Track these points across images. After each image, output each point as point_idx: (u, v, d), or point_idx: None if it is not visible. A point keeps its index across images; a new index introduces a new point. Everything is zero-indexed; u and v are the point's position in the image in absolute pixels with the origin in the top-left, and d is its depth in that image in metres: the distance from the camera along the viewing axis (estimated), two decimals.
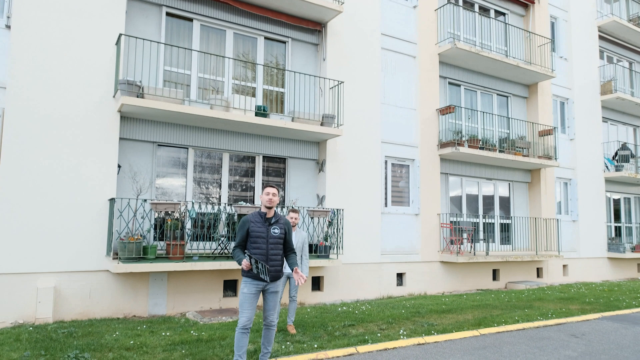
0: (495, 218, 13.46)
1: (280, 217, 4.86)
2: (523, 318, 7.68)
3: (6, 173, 7.09)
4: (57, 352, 5.25)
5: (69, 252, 7.42)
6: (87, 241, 7.57)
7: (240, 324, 4.52)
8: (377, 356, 5.43)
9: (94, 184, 7.69)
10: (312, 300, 9.60)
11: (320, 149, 10.39)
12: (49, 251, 7.28)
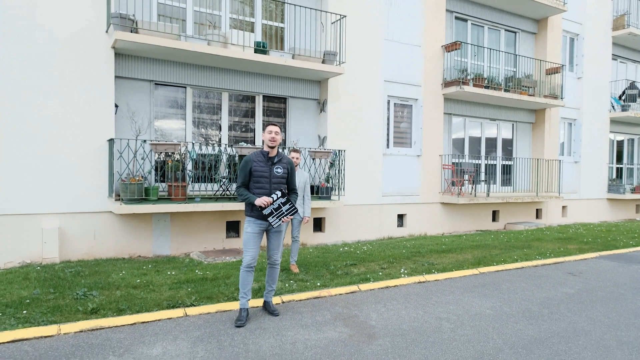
0: (497, 159, 13.38)
1: (283, 156, 4.76)
2: (522, 257, 7.81)
3: (3, 114, 6.90)
4: (66, 290, 5.35)
5: (71, 194, 7.41)
6: (89, 182, 7.53)
7: (244, 262, 4.55)
8: (379, 294, 5.54)
9: (92, 123, 7.53)
10: (314, 241, 9.73)
11: (321, 88, 10.11)
12: (52, 193, 7.26)
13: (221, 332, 4.19)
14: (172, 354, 3.70)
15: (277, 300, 5.15)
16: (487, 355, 3.83)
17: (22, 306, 4.70)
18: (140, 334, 4.10)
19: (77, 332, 4.10)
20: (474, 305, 5.16)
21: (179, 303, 4.89)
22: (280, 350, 3.83)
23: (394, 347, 3.95)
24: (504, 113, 13.31)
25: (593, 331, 4.45)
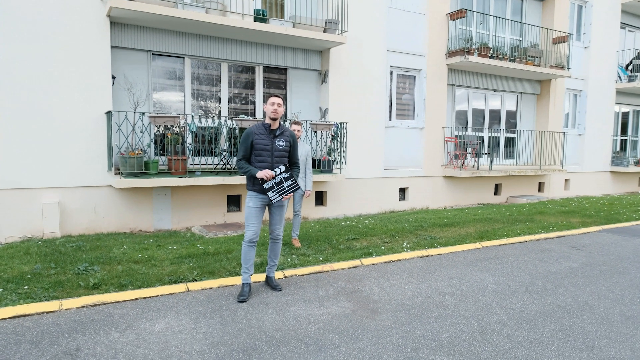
0: (500, 132, 13.21)
1: (285, 128, 4.64)
2: (525, 231, 7.77)
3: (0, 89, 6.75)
4: (67, 264, 5.32)
5: (70, 168, 7.31)
6: (88, 156, 7.43)
7: (246, 237, 4.49)
8: (381, 268, 5.52)
9: (89, 95, 7.37)
10: (316, 215, 9.69)
11: (322, 59, 9.88)
12: (51, 167, 7.17)
13: (224, 307, 4.16)
14: (174, 329, 3.68)
15: (279, 275, 5.12)
16: (491, 330, 3.81)
17: (23, 281, 4.67)
18: (143, 309, 4.08)
19: (79, 308, 4.07)
20: (477, 280, 5.14)
21: (180, 278, 4.86)
22: (283, 325, 3.81)
23: (398, 322, 3.93)
24: (509, 84, 13.07)
25: (597, 306, 4.42)
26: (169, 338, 3.52)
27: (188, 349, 3.36)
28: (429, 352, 3.40)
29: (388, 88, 10.70)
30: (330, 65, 9.71)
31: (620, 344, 3.59)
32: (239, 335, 3.60)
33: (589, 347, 3.53)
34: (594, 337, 3.71)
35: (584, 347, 3.53)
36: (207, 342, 3.46)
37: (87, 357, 3.21)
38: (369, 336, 3.64)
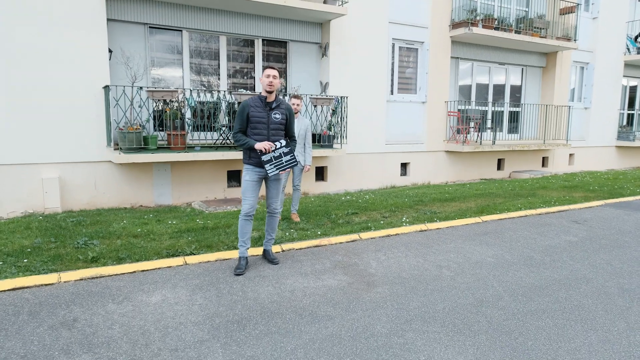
0: (504, 106, 13.03)
1: (281, 101, 4.57)
2: (526, 206, 7.73)
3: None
4: (67, 239, 5.35)
5: (69, 143, 7.29)
6: (87, 131, 7.40)
7: (243, 211, 4.48)
8: (379, 242, 5.52)
9: (86, 70, 7.29)
10: (316, 190, 9.67)
11: (323, 31, 9.69)
12: (50, 142, 7.15)
13: (220, 280, 4.19)
14: (170, 301, 3.71)
15: (277, 248, 5.13)
16: (486, 302, 3.81)
17: (23, 255, 4.71)
18: (140, 282, 4.11)
19: (77, 280, 4.11)
20: (475, 253, 5.13)
21: (178, 252, 4.89)
22: (279, 297, 3.83)
23: (393, 294, 3.94)
24: (514, 57, 12.82)
25: (595, 279, 4.41)
26: (164, 310, 3.55)
27: (183, 320, 3.38)
28: (423, 323, 3.41)
29: (390, 61, 10.52)
30: (331, 37, 9.53)
31: (615, 316, 3.59)
32: (234, 307, 3.63)
33: (584, 319, 3.53)
34: (589, 309, 3.70)
35: (579, 319, 3.53)
36: (203, 314, 3.49)
37: (83, 327, 3.24)
38: (363, 308, 3.65)
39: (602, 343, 3.15)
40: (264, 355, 2.93)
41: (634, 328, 3.38)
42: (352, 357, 2.92)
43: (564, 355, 2.98)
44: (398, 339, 3.16)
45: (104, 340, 3.07)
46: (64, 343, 3.02)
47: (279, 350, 2.98)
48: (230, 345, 3.04)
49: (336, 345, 3.06)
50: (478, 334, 3.26)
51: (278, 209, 4.74)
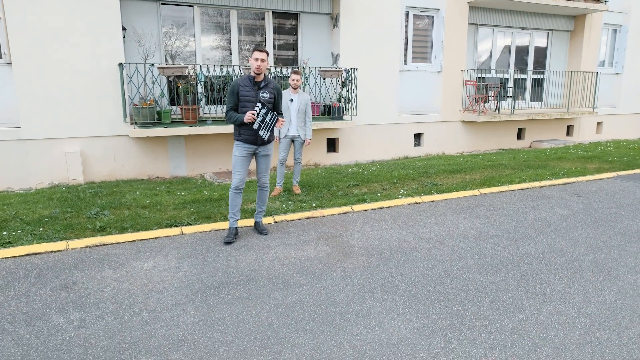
0: (527, 73, 12.64)
1: (270, 81, 4.79)
2: (532, 178, 7.69)
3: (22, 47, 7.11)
4: (82, 209, 5.84)
5: (89, 118, 7.75)
6: (104, 107, 7.83)
7: (233, 185, 4.79)
8: (370, 215, 5.73)
9: (102, 48, 7.65)
10: (327, 162, 9.88)
11: (334, 2, 9.66)
12: (71, 118, 7.62)
13: (209, 249, 4.54)
14: (160, 268, 4.09)
15: (269, 220, 5.44)
16: (453, 273, 4.00)
17: (40, 224, 5.21)
18: (137, 250, 4.52)
19: (83, 248, 4.56)
20: (460, 226, 5.27)
21: (177, 222, 5.27)
22: (258, 266, 4.15)
23: (365, 265, 4.18)
24: (539, 21, 12.33)
25: (571, 253, 4.50)
26: (153, 275, 3.94)
27: (167, 285, 3.76)
28: (384, 292, 3.65)
29: (403, 31, 10.39)
30: (342, 8, 9.50)
31: (575, 289, 3.71)
32: (215, 274, 3.98)
33: (543, 291, 3.68)
34: (552, 282, 3.84)
35: (538, 291, 3.68)
36: (186, 280, 3.86)
37: (80, 290, 3.67)
38: (333, 277, 3.92)
39: (551, 314, 3.31)
40: (229, 317, 3.26)
41: (590, 301, 3.51)
42: (308, 321, 3.21)
43: (508, 324, 3.17)
44: (356, 306, 3.43)
45: (95, 301, 3.48)
46: (60, 303, 3.46)
47: (244, 314, 3.31)
48: (202, 308, 3.39)
49: (297, 311, 3.36)
50: (433, 303, 3.48)
51: (267, 183, 5.02)
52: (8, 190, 7.36)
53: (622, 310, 3.37)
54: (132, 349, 2.87)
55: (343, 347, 2.91)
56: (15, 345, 2.89)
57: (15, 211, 5.68)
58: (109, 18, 7.62)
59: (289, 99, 6.55)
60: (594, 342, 2.96)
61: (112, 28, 7.66)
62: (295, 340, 2.99)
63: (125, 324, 3.17)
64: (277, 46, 9.59)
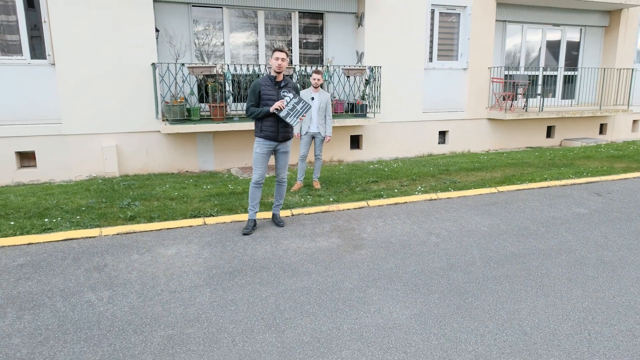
0: (558, 70, 12.43)
1: (289, 81, 5.05)
2: (553, 176, 7.66)
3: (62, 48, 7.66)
4: (115, 200, 6.29)
5: (124, 115, 8.24)
6: (138, 105, 8.30)
7: (253, 179, 5.08)
8: (385, 210, 5.91)
9: (137, 49, 8.11)
10: (351, 158, 10.08)
11: (359, 1, 9.83)
12: (108, 114, 8.13)
13: (228, 238, 4.86)
14: (182, 254, 4.43)
15: (287, 213, 5.71)
16: (456, 266, 4.16)
17: (77, 212, 5.67)
18: (163, 237, 4.88)
19: (115, 235, 4.96)
20: (471, 223, 5.39)
21: (201, 213, 5.62)
22: (272, 255, 4.42)
23: (373, 256, 4.39)
24: (571, 16, 12.09)
25: (579, 250, 4.56)
26: (175, 261, 4.28)
27: (187, 269, 4.09)
28: (388, 281, 3.86)
29: (428, 29, 10.45)
30: (367, 7, 9.66)
31: (575, 284, 3.81)
32: (232, 261, 4.28)
33: (543, 285, 3.79)
34: (554, 277, 3.94)
35: (538, 285, 3.80)
36: (204, 265, 4.18)
37: (110, 271, 4.05)
38: (340, 267, 4.16)
39: (546, 307, 3.43)
40: (241, 299, 3.55)
41: (588, 296, 3.61)
42: (312, 305, 3.46)
43: (502, 314, 3.32)
44: (359, 294, 3.65)
45: (122, 282, 3.84)
46: (92, 282, 3.84)
47: (254, 297, 3.60)
48: (217, 291, 3.69)
49: (304, 295, 3.62)
50: (433, 293, 3.66)
51: (285, 179, 5.30)
52: (51, 181, 7.93)
53: (619, 305, 3.46)
54: (153, 323, 3.20)
55: (342, 329, 3.14)
56: (52, 317, 3.28)
57: (56, 201, 6.17)
58: (144, 21, 8.07)
59: (310, 98, 6.79)
60: (583, 333, 3.08)
61: (146, 30, 8.11)
62: (299, 321, 3.24)
63: (148, 302, 3.51)
64: (303, 45, 9.86)
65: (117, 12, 7.90)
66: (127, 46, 8.05)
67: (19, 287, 3.70)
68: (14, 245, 4.57)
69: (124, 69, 8.10)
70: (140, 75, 8.22)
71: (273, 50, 4.95)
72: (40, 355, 2.83)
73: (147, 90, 8.31)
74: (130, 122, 8.31)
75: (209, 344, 2.98)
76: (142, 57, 8.18)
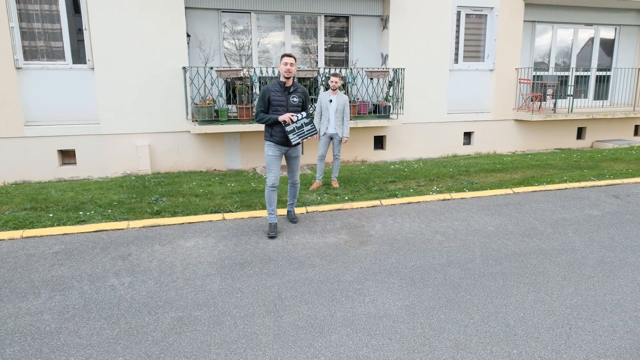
0: (590, 70, 12.16)
1: (298, 85, 5.24)
2: (574, 178, 7.61)
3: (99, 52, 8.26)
4: (145, 196, 6.76)
5: (157, 116, 8.77)
6: (170, 106, 8.80)
7: (268, 183, 5.30)
8: (397, 208, 6.11)
9: (169, 54, 8.61)
10: (374, 158, 10.28)
11: (384, 4, 10.02)
12: (142, 115, 8.67)
13: (244, 233, 5.19)
14: (200, 246, 4.80)
15: (302, 210, 6.00)
16: (455, 263, 4.32)
17: (109, 207, 6.16)
18: (184, 231, 5.27)
19: (141, 227, 5.40)
20: (480, 222, 5.51)
21: (221, 209, 5.99)
22: (282, 249, 4.72)
23: (377, 252, 4.61)
24: (605, 15, 11.82)
25: (581, 250, 4.62)
26: (192, 252, 4.65)
27: (202, 260, 4.45)
28: (386, 275, 4.08)
29: (454, 30, 10.50)
30: (391, 9, 9.83)
31: (569, 282, 3.90)
32: (243, 253, 4.61)
33: (536, 282, 3.91)
34: (549, 276, 4.05)
35: (531, 282, 3.92)
36: (218, 257, 4.52)
37: (133, 260, 4.46)
38: (344, 260, 4.40)
39: (534, 302, 3.57)
40: (247, 288, 3.87)
41: (579, 294, 3.71)
42: (311, 295, 3.73)
43: (489, 308, 3.49)
44: (357, 285, 3.89)
45: (143, 269, 4.24)
46: (117, 269, 4.25)
47: (259, 286, 3.90)
48: (226, 279, 4.02)
49: (305, 286, 3.89)
50: (428, 287, 3.86)
51: (298, 181, 5.54)
52: (89, 177, 8.55)
53: (607, 303, 3.55)
54: (166, 306, 3.56)
55: (335, 317, 3.40)
56: (79, 298, 3.69)
57: (91, 196, 6.71)
58: (176, 27, 8.56)
59: (328, 100, 7.05)
60: (564, 327, 3.21)
61: (178, 36, 8.60)
62: (297, 308, 3.52)
63: (164, 287, 3.87)
64: (328, 48, 10.13)
65: (152, 19, 8.42)
66: (160, 51, 8.56)
67: (52, 272, 4.16)
68: (51, 235, 5.07)
69: (157, 72, 8.61)
70: (171, 78, 8.71)
71: (282, 55, 5.10)
72: (66, 329, 3.23)
73: (178, 93, 8.80)
74: (162, 123, 8.83)
75: (213, 325, 3.30)
76: (174, 61, 8.67)
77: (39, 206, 6.12)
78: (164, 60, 8.62)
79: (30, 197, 6.59)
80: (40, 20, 8.24)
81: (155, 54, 8.55)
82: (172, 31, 8.57)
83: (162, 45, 8.55)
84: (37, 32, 8.25)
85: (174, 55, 8.65)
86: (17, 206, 6.13)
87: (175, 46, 8.63)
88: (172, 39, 8.59)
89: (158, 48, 8.55)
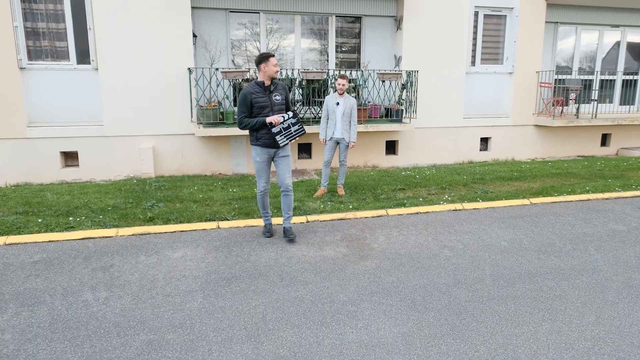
0: (617, 74, 11.54)
1: (277, 83, 4.84)
2: (597, 189, 7.09)
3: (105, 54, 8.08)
4: (142, 201, 6.51)
5: (161, 118, 8.54)
6: (175, 108, 8.57)
7: (259, 189, 4.96)
8: (404, 219, 5.71)
9: (175, 54, 8.39)
10: (386, 164, 9.88)
11: (398, 4, 9.63)
12: (146, 117, 8.45)
13: (236, 243, 4.87)
14: (187, 257, 4.49)
15: (302, 219, 5.65)
16: (462, 283, 3.92)
17: (102, 212, 5.92)
18: (174, 240, 4.98)
19: (130, 235, 5.12)
20: (492, 236, 5.08)
21: (216, 217, 5.69)
22: (274, 262, 4.38)
23: (377, 268, 4.23)
24: (633, 17, 11.19)
25: (605, 271, 4.16)
26: (178, 264, 4.34)
27: (187, 273, 4.14)
28: (384, 296, 3.70)
29: (471, 31, 10.04)
30: (406, 10, 9.44)
31: (590, 309, 3.46)
32: (233, 267, 4.28)
33: (552, 308, 3.48)
34: (567, 300, 3.61)
35: (546, 308, 3.49)
36: (205, 270, 4.21)
37: (114, 272, 4.17)
38: (340, 278, 4.04)
39: (550, 333, 3.14)
40: (230, 307, 3.53)
41: (601, 323, 3.27)
42: (299, 317, 3.38)
43: (498, 339, 3.08)
44: (351, 307, 3.52)
45: (122, 283, 3.95)
46: (95, 282, 3.97)
47: (244, 305, 3.56)
48: (209, 297, 3.70)
49: (294, 306, 3.54)
50: (430, 311, 3.46)
51: (291, 186, 4.97)
52: (91, 180, 8.36)
53: (634, 336, 3.10)
54: (137, 327, 3.25)
55: (322, 344, 3.04)
56: (47, 314, 3.41)
57: (87, 199, 6.48)
58: (182, 27, 8.33)
59: (335, 103, 6.70)
60: None
61: (184, 36, 8.36)
62: (281, 333, 3.17)
63: (140, 305, 3.57)
64: (340, 49, 9.79)
65: (157, 19, 8.20)
66: (166, 52, 8.34)
67: (26, 284, 3.90)
68: (35, 243, 4.83)
69: (161, 73, 8.39)
70: (176, 79, 8.48)
71: (266, 56, 4.66)
72: (24, 352, 2.94)
73: (183, 94, 8.56)
74: (166, 125, 8.60)
75: (185, 351, 2.97)
76: (179, 62, 8.44)
77: (31, 210, 5.92)
78: (169, 61, 8.39)
79: (25, 200, 6.40)
80: (45, 19, 8.11)
81: (160, 55, 8.33)
82: (178, 31, 8.35)
83: (167, 45, 8.33)
84: (41, 32, 8.12)
85: (179, 56, 8.42)
86: (8, 210, 5.93)
87: (181, 47, 8.40)
88: (178, 40, 8.37)
89: (163, 48, 8.33)
